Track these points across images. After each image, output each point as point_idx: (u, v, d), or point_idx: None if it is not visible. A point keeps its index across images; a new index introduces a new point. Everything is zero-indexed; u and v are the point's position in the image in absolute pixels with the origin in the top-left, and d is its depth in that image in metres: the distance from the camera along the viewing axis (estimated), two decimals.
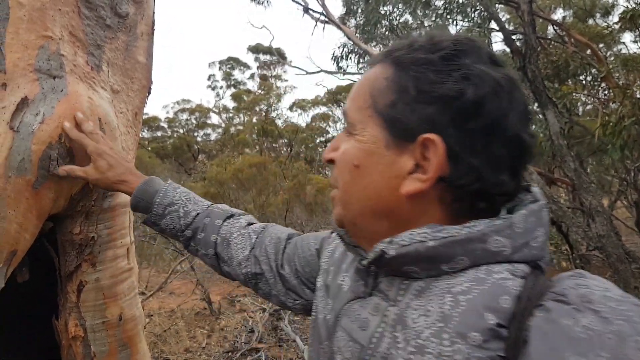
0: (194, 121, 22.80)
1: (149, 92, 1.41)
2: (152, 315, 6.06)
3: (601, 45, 9.17)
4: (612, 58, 8.84)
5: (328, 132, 22.10)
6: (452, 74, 0.56)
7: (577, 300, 0.49)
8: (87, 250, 1.13)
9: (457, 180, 0.57)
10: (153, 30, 1.43)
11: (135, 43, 1.32)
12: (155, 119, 22.09)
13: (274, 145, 20.44)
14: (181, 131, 22.37)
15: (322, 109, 22.74)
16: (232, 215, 1.02)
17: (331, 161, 0.69)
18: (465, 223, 0.57)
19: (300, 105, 23.53)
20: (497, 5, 7.64)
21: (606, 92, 7.97)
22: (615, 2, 10.19)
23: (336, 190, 0.68)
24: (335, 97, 19.83)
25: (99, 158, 1.00)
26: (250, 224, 1.01)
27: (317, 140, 21.55)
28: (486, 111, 0.56)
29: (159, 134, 22.74)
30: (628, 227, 8.00)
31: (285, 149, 20.75)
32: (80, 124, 1.03)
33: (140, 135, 1.40)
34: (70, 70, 1.10)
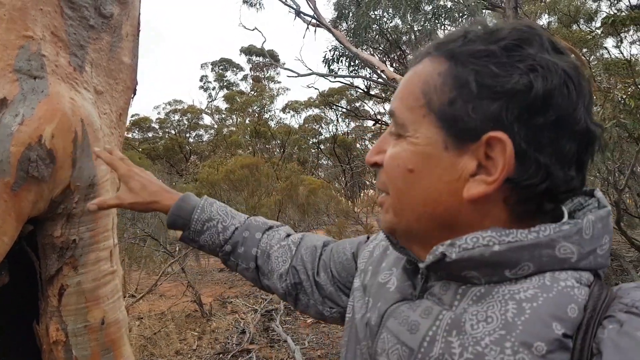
0: (185, 122, 22.73)
1: (134, 93, 1.40)
2: (142, 318, 6.01)
3: (585, 50, 9.26)
4: (595, 62, 8.93)
5: (320, 134, 22.14)
6: (517, 65, 0.52)
7: None
8: (68, 253, 1.12)
9: (524, 180, 0.53)
10: (138, 31, 1.41)
11: (119, 44, 1.31)
12: (146, 119, 21.99)
13: (267, 146, 20.43)
14: (173, 132, 22.29)
15: (315, 111, 22.78)
16: (270, 227, 1.01)
17: (375, 165, 0.64)
18: (531, 227, 0.54)
19: (292, 107, 23.54)
20: (484, 11, 7.69)
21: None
22: (598, 9, 10.31)
23: (385, 195, 0.63)
24: (327, 99, 19.84)
25: (131, 179, 0.99)
26: (288, 235, 1.00)
27: (310, 142, 21.57)
28: (556, 105, 0.52)
29: (150, 135, 22.66)
30: None
31: (278, 150, 20.73)
32: (111, 152, 1.05)
33: (124, 136, 1.39)
34: (52, 71, 1.09)
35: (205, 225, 0.97)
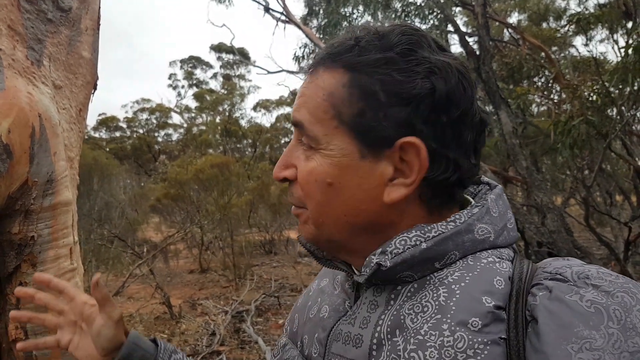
0: (154, 121, 22.34)
1: (95, 88, 1.38)
2: None
3: (554, 48, 9.51)
4: (563, 61, 9.18)
5: (292, 132, 22.09)
6: (416, 70, 0.54)
7: (575, 277, 0.50)
8: (26, 250, 1.10)
9: (438, 176, 0.56)
10: (98, 25, 1.40)
11: (79, 38, 1.29)
12: (113, 118, 21.50)
13: (238, 145, 20.28)
14: (141, 131, 21.87)
15: (287, 109, 22.73)
16: None
17: (285, 180, 0.63)
18: (447, 217, 0.58)
19: (264, 105, 23.45)
20: (454, 9, 7.84)
21: (559, 93, 8.29)
22: (567, 7, 10.60)
23: (302, 209, 0.62)
24: None
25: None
26: None
27: (282, 141, 21.50)
28: (457, 102, 0.55)
29: (117, 134, 22.16)
30: (580, 224, 8.35)
31: (249, 150, 20.62)
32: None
33: (85, 132, 1.37)
34: (9, 65, 1.07)
35: (172, 357, 0.79)
